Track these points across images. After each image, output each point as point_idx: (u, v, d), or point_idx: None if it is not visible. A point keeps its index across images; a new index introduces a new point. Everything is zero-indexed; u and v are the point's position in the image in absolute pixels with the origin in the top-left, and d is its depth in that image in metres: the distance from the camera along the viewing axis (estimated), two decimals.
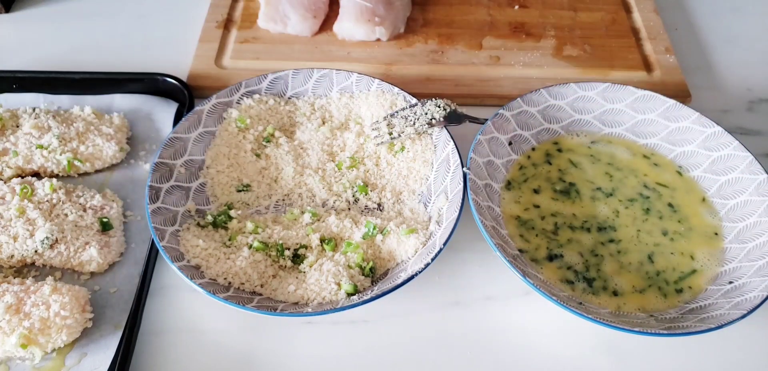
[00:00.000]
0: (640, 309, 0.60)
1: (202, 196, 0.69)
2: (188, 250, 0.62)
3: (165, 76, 0.80)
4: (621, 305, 0.60)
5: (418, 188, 0.70)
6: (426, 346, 0.60)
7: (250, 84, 0.76)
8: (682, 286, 0.62)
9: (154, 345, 0.59)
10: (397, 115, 0.73)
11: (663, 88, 0.83)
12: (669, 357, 0.60)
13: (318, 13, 0.91)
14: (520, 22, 0.94)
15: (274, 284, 0.62)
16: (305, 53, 0.88)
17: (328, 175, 0.71)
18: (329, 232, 0.65)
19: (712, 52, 0.94)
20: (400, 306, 0.63)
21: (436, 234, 0.63)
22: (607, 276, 0.63)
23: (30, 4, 0.97)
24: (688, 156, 0.72)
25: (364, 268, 0.62)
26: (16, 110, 0.75)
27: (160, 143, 0.70)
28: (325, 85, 0.78)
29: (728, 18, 1.00)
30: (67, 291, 0.58)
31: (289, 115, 0.77)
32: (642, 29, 0.93)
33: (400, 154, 0.72)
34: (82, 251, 0.63)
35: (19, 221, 0.63)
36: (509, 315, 0.63)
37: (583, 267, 0.63)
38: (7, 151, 0.70)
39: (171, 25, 0.94)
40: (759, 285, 0.58)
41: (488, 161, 0.69)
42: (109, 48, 0.90)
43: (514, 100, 0.73)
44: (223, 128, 0.73)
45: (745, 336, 0.61)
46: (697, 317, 0.57)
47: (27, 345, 0.54)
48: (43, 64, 0.84)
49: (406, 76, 0.85)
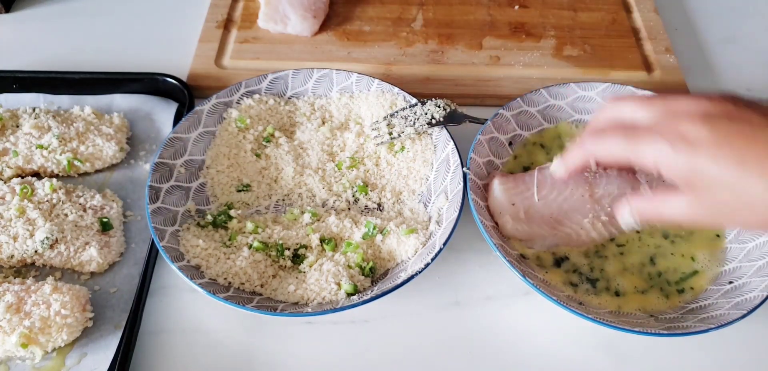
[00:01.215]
0: (640, 310, 0.60)
1: (202, 196, 0.69)
2: (188, 250, 0.62)
3: (165, 76, 0.80)
4: (622, 305, 0.60)
5: (418, 188, 0.70)
6: (426, 346, 0.60)
7: (250, 84, 0.76)
8: (684, 287, 0.62)
9: (154, 345, 0.59)
10: (397, 115, 0.73)
11: (663, 88, 0.83)
12: (669, 357, 0.60)
13: (318, 13, 0.91)
14: (520, 22, 0.94)
15: (274, 284, 0.62)
16: (305, 53, 0.88)
17: (328, 175, 0.71)
18: (329, 232, 0.65)
19: (712, 52, 0.94)
20: (400, 306, 0.63)
21: (436, 234, 0.63)
22: (609, 276, 0.63)
23: (30, 4, 0.97)
24: None
25: (364, 268, 0.62)
26: (16, 110, 0.75)
27: (160, 143, 0.70)
28: (325, 85, 0.78)
29: (728, 18, 1.00)
30: (68, 291, 0.58)
31: (289, 115, 0.77)
32: (642, 29, 0.93)
33: (400, 154, 0.72)
34: (82, 251, 0.63)
35: (19, 221, 0.63)
36: (509, 315, 0.63)
37: (588, 269, 0.63)
38: (7, 151, 0.70)
39: (171, 25, 0.94)
40: (759, 285, 0.58)
41: (488, 161, 0.69)
42: (109, 48, 0.90)
43: (514, 100, 0.73)
44: (223, 128, 0.73)
45: (745, 336, 0.61)
46: (697, 317, 0.57)
47: (27, 344, 0.54)
48: (43, 64, 0.84)
49: (406, 76, 0.85)
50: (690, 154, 0.48)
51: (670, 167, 0.49)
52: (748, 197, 0.47)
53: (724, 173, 0.47)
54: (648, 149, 0.50)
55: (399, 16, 0.95)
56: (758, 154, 0.46)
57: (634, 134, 0.50)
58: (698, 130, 0.48)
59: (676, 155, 0.48)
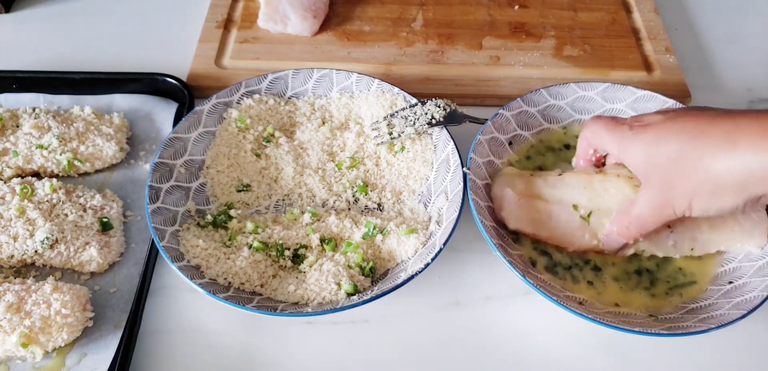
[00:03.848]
0: (640, 309, 0.60)
1: (202, 196, 0.69)
2: (188, 250, 0.62)
3: (165, 76, 0.80)
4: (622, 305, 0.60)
5: (418, 188, 0.70)
6: (426, 346, 0.60)
7: (250, 84, 0.76)
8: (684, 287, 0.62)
9: (154, 345, 0.59)
10: (397, 115, 0.73)
11: (663, 87, 0.83)
12: (669, 357, 0.60)
13: (318, 13, 0.91)
14: (520, 22, 0.94)
15: (274, 284, 0.62)
16: (305, 53, 0.88)
17: (328, 175, 0.71)
18: (329, 232, 0.65)
19: (712, 52, 0.94)
20: (400, 306, 0.63)
21: (436, 234, 0.63)
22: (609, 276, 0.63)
23: (30, 4, 0.97)
24: None
25: (364, 268, 0.62)
26: (16, 110, 0.75)
27: (160, 143, 0.70)
28: (325, 85, 0.78)
29: (728, 18, 1.00)
30: (68, 290, 0.58)
31: (289, 115, 0.77)
32: (642, 29, 0.93)
33: (400, 154, 0.72)
34: (82, 251, 0.63)
35: (19, 221, 0.63)
36: (509, 315, 0.63)
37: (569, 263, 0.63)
38: (7, 151, 0.70)
39: (171, 25, 0.94)
40: (759, 285, 0.58)
41: (488, 161, 0.69)
42: (109, 48, 0.90)
43: (514, 100, 0.73)
44: (223, 128, 0.73)
45: (745, 336, 0.61)
46: (697, 317, 0.57)
47: (27, 344, 0.54)
48: (43, 64, 0.84)
49: (406, 76, 0.85)
50: (643, 131, 0.56)
51: (629, 150, 0.58)
52: (694, 171, 0.53)
53: (671, 146, 0.54)
54: (612, 137, 0.59)
55: (399, 16, 0.95)
56: (702, 130, 0.53)
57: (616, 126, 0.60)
58: (653, 116, 0.57)
59: (634, 136, 0.57)
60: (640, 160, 0.57)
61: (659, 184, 0.56)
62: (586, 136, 0.64)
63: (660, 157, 0.55)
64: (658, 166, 0.55)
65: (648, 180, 0.57)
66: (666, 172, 0.55)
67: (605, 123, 0.61)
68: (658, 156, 0.55)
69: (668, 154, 0.54)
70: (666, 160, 0.54)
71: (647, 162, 0.56)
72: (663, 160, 0.55)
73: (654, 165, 0.55)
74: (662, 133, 0.55)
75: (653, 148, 0.55)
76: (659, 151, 0.55)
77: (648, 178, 0.57)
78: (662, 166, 0.55)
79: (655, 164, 0.55)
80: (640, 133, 0.57)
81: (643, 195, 0.58)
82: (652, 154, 0.55)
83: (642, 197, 0.58)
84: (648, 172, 0.56)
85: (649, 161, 0.56)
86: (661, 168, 0.55)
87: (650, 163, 0.56)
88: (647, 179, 0.57)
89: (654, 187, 0.56)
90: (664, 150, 0.54)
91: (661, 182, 0.55)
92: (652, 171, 0.56)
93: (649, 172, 0.56)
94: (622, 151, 0.59)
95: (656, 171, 0.55)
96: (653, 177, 0.56)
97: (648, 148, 0.56)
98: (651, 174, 0.56)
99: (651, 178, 0.56)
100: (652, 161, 0.55)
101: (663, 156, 0.54)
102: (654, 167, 0.56)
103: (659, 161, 0.55)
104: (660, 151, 0.55)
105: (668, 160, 0.54)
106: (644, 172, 0.57)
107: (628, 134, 0.58)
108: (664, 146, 0.54)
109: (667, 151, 0.54)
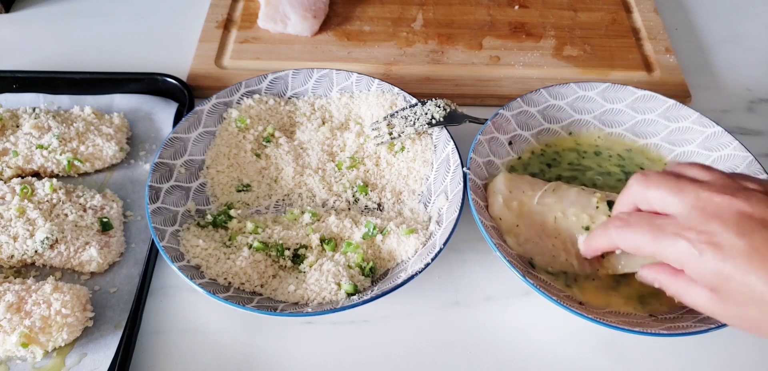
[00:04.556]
0: (640, 309, 0.60)
1: (202, 196, 0.69)
2: (188, 250, 0.62)
3: (165, 76, 0.80)
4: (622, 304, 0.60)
5: (418, 188, 0.70)
6: (426, 346, 0.60)
7: (250, 84, 0.76)
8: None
9: (154, 345, 0.59)
10: (397, 115, 0.73)
11: (663, 88, 0.83)
12: (669, 357, 0.60)
13: (318, 13, 0.91)
14: (520, 22, 0.94)
15: (274, 284, 0.62)
16: (305, 53, 0.88)
17: (328, 174, 0.71)
18: (329, 232, 0.65)
19: (712, 52, 0.94)
20: (400, 306, 0.63)
21: (436, 234, 0.63)
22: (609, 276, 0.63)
23: (30, 4, 0.97)
24: (689, 156, 0.72)
25: (364, 268, 0.62)
26: (16, 110, 0.75)
27: (160, 143, 0.70)
28: (325, 85, 0.78)
29: (728, 18, 1.00)
30: (69, 290, 0.58)
31: (289, 115, 0.77)
32: (642, 29, 0.93)
33: (400, 154, 0.72)
34: (82, 251, 0.63)
35: (19, 221, 0.63)
36: (509, 315, 0.63)
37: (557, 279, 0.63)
38: (7, 151, 0.70)
39: (171, 25, 0.94)
40: None
41: (488, 161, 0.69)
42: (109, 48, 0.90)
43: (514, 100, 0.73)
44: (223, 128, 0.73)
45: (744, 336, 0.61)
46: (697, 317, 0.57)
47: (28, 343, 0.54)
48: (43, 64, 0.84)
49: (406, 76, 0.85)
50: (718, 260, 0.44)
51: (695, 270, 0.46)
52: None
53: (754, 289, 0.43)
54: (673, 249, 0.47)
55: (399, 16, 0.95)
56: None
57: (661, 231, 0.48)
58: (731, 238, 0.44)
59: (703, 260, 0.45)
60: (710, 278, 0.46)
61: (732, 313, 0.47)
62: (634, 190, 0.52)
63: (741, 297, 0.45)
64: (737, 301, 0.46)
65: (718, 294, 0.47)
66: (746, 312, 0.45)
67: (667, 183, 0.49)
68: (738, 295, 0.45)
69: (753, 297, 0.44)
70: (749, 301, 0.45)
71: (721, 285, 0.46)
72: (745, 301, 0.45)
73: (731, 297, 0.46)
74: (748, 271, 0.44)
75: (731, 281, 0.45)
76: (740, 290, 0.45)
77: (718, 293, 0.47)
78: (742, 304, 0.45)
79: (733, 297, 0.45)
80: (713, 257, 0.45)
81: (705, 296, 0.47)
82: (730, 285, 0.45)
83: (703, 297, 0.48)
84: (719, 290, 0.46)
85: (724, 286, 0.46)
86: (739, 304, 0.45)
87: (725, 289, 0.46)
88: (717, 293, 0.47)
89: (724, 308, 0.47)
90: (748, 293, 0.44)
91: (736, 314, 0.46)
92: (727, 298, 0.46)
93: (722, 292, 0.46)
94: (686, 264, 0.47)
95: (732, 302, 0.46)
96: (727, 302, 0.46)
97: (724, 272, 0.45)
98: (724, 295, 0.46)
99: (723, 298, 0.46)
100: (728, 290, 0.45)
101: (745, 298, 0.45)
102: (730, 298, 0.46)
103: (739, 301, 0.45)
104: (741, 291, 0.45)
105: (752, 301, 0.44)
106: (714, 288, 0.47)
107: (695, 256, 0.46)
108: (747, 288, 0.44)
109: (751, 294, 0.44)
